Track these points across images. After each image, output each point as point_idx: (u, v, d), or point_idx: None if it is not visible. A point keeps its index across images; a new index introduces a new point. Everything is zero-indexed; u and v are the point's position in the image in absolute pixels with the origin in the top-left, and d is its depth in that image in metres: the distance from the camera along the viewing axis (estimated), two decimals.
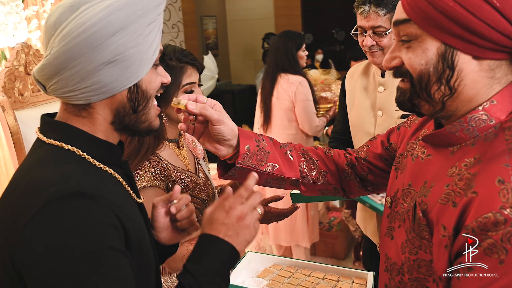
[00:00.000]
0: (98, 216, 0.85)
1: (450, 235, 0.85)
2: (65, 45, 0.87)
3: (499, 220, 0.77)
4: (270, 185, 1.29)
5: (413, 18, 0.91)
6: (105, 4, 0.88)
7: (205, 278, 0.96)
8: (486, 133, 0.90)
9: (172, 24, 4.59)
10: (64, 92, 0.92)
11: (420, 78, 0.93)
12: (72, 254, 0.81)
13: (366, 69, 2.11)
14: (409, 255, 0.97)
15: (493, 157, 0.84)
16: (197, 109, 1.13)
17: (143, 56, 0.93)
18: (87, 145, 0.95)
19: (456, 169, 0.90)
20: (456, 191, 0.87)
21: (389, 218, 1.11)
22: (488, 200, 0.79)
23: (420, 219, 0.93)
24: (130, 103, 0.96)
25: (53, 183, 0.84)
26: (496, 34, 0.84)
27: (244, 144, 1.19)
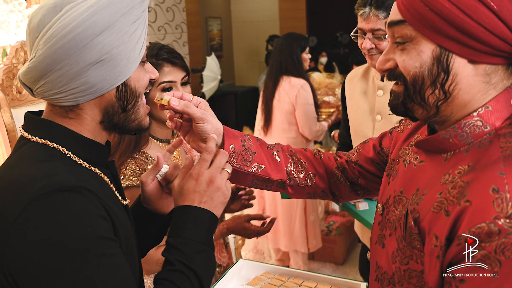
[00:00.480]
0: (87, 208, 0.84)
1: (442, 245, 0.82)
2: (50, 47, 0.85)
3: (493, 231, 0.74)
4: (256, 186, 1.27)
5: (408, 19, 0.88)
6: (89, 3, 0.87)
7: (191, 249, 0.96)
8: (480, 139, 0.87)
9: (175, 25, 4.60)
10: (51, 94, 0.90)
11: (414, 81, 0.90)
12: (66, 247, 0.80)
13: (366, 72, 2.11)
14: (400, 265, 0.95)
15: (488, 164, 0.82)
16: (179, 106, 1.10)
17: (130, 54, 0.92)
18: (73, 144, 0.94)
19: (450, 177, 0.88)
20: (449, 199, 0.84)
21: (380, 226, 1.09)
22: (482, 209, 0.76)
23: (412, 228, 0.90)
24: (119, 102, 0.95)
25: (39, 178, 0.83)
26: (493, 38, 0.82)
27: (229, 143, 1.17)
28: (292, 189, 1.29)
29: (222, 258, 1.77)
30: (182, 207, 1.01)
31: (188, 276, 0.95)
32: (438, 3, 0.83)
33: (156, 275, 0.96)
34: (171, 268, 0.95)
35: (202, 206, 1.01)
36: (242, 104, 7.29)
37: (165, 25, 4.45)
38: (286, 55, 3.39)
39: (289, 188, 1.28)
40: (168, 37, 4.43)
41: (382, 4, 1.76)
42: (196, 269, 0.96)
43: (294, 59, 3.38)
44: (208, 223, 1.01)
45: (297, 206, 3.50)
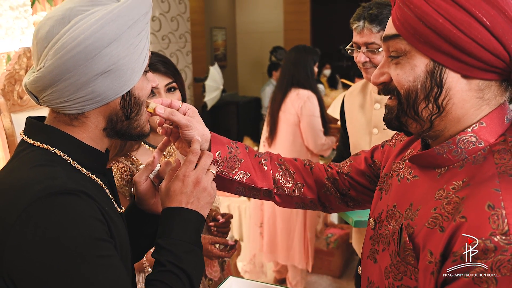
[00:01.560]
0: (85, 210, 0.86)
1: (437, 261, 0.81)
2: (59, 58, 0.88)
3: (489, 248, 0.73)
4: (243, 194, 1.27)
5: (403, 33, 0.89)
6: (97, 16, 0.89)
7: (181, 249, 0.99)
8: (475, 155, 0.87)
9: (179, 34, 4.64)
10: (58, 103, 0.93)
11: (408, 95, 0.90)
12: (64, 247, 0.82)
13: (364, 87, 2.12)
14: (393, 281, 0.93)
15: (483, 181, 0.81)
16: (165, 114, 1.11)
17: (134, 64, 0.95)
18: (73, 150, 0.96)
19: (444, 192, 0.87)
20: (444, 215, 0.83)
21: (372, 240, 1.08)
22: (477, 226, 0.76)
23: (406, 243, 0.89)
24: (123, 110, 0.98)
25: (39, 181, 0.85)
26: (486, 53, 0.82)
27: (216, 149, 1.17)
28: (279, 198, 1.29)
29: (213, 272, 1.77)
30: (170, 209, 1.04)
31: (179, 276, 0.96)
32: (432, 18, 0.83)
33: (148, 276, 0.97)
34: (162, 269, 0.97)
35: (189, 207, 1.03)
36: (244, 114, 7.31)
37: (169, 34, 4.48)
38: (300, 67, 3.38)
39: (276, 197, 1.28)
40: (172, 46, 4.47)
41: (376, 18, 1.78)
42: (186, 269, 0.97)
43: (307, 71, 3.37)
44: (196, 223, 1.03)
45: (296, 221, 3.47)
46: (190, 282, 0.98)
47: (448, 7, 0.82)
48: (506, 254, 0.72)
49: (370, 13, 1.79)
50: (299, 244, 3.51)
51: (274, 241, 3.58)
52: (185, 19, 4.69)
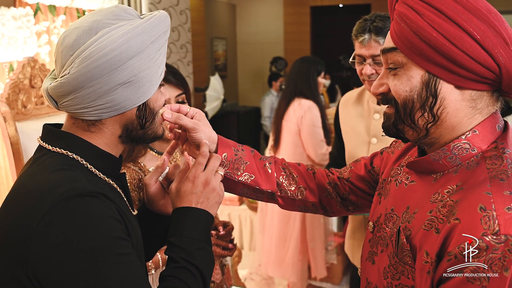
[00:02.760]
0: (104, 211, 0.92)
1: (432, 261, 0.86)
2: (85, 66, 0.93)
3: (481, 247, 0.78)
4: (247, 195, 1.30)
5: (400, 46, 0.94)
6: (124, 30, 0.96)
7: (192, 246, 1.04)
8: (468, 161, 0.92)
9: (180, 45, 4.67)
10: (77, 109, 0.98)
11: (405, 105, 0.96)
12: (85, 246, 0.87)
13: (360, 96, 2.12)
14: (392, 280, 0.98)
15: (475, 185, 0.87)
16: (172, 118, 1.15)
17: (152, 77, 1.01)
18: (90, 155, 1.02)
19: (439, 196, 0.92)
20: (439, 217, 0.88)
21: (371, 243, 1.12)
22: (470, 227, 0.81)
23: (404, 245, 0.94)
24: (138, 119, 1.04)
25: (61, 184, 0.91)
26: (477, 66, 0.87)
27: (222, 151, 1.22)
28: (282, 200, 1.32)
29: (215, 275, 1.80)
30: (181, 208, 1.09)
31: (192, 272, 1.02)
32: (426, 33, 0.88)
33: (162, 273, 1.02)
34: (176, 265, 1.02)
35: (199, 207, 1.09)
36: (244, 124, 7.34)
37: (170, 44, 4.51)
38: (303, 77, 3.42)
39: (279, 199, 1.32)
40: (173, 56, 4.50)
41: (381, 30, 1.79)
42: (198, 265, 1.03)
43: (310, 82, 3.42)
44: (206, 222, 1.08)
45: (292, 232, 3.46)
46: (202, 278, 1.03)
47: (442, 22, 0.87)
48: (497, 253, 0.77)
49: (375, 25, 1.80)
50: (293, 256, 3.50)
51: (269, 252, 3.59)
52: (186, 29, 4.73)
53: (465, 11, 0.87)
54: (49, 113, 2.00)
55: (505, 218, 0.79)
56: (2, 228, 0.93)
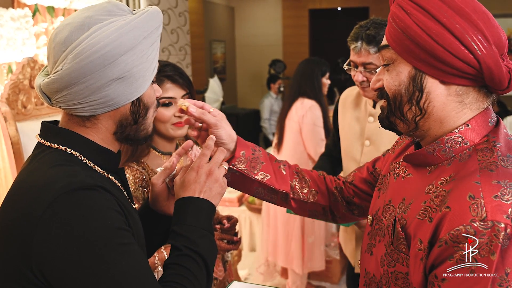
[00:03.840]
0: (104, 203, 0.94)
1: (425, 248, 0.90)
2: (78, 62, 0.93)
3: (469, 232, 0.83)
4: (261, 196, 1.33)
5: (391, 44, 1.00)
6: (116, 26, 0.96)
7: (195, 235, 1.06)
8: (461, 154, 0.97)
9: (179, 47, 4.68)
10: (71, 105, 0.98)
11: (394, 98, 1.02)
12: (88, 238, 0.89)
13: (359, 96, 2.15)
14: (387, 268, 1.03)
15: (466, 175, 0.91)
16: (196, 113, 1.20)
17: (145, 73, 1.02)
18: (88, 150, 1.02)
19: (433, 187, 0.96)
20: (432, 207, 0.93)
21: (369, 236, 1.17)
22: (459, 214, 0.85)
23: (399, 233, 0.99)
24: (132, 115, 1.05)
25: (60, 179, 0.92)
26: (457, 61, 0.92)
27: (240, 149, 1.26)
28: (295, 203, 1.36)
29: (218, 271, 1.80)
30: (184, 198, 1.11)
31: (195, 259, 1.03)
32: (411, 30, 0.94)
33: (166, 261, 1.04)
34: (179, 253, 1.03)
35: (201, 196, 1.11)
36: (244, 126, 7.36)
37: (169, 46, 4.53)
38: (306, 78, 3.49)
39: (292, 201, 1.35)
40: (172, 59, 4.51)
41: (373, 39, 1.81)
42: (202, 253, 1.04)
43: (313, 82, 3.47)
44: (208, 211, 1.10)
45: (294, 225, 3.54)
46: (205, 265, 1.05)
47: (426, 20, 0.93)
48: (484, 238, 0.82)
49: (367, 33, 1.82)
50: (296, 248, 3.57)
51: (275, 243, 3.67)
52: (185, 31, 4.74)
53: (449, 9, 0.92)
54: (49, 114, 2.01)
55: (492, 205, 0.84)
56: (3, 224, 0.94)
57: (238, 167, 1.25)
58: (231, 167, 1.25)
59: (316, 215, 1.42)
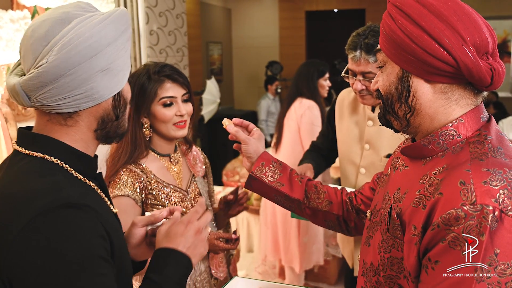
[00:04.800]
0: (89, 226, 0.92)
1: (419, 233, 0.97)
2: (66, 53, 0.93)
3: (460, 215, 0.90)
4: (280, 203, 1.52)
5: (382, 48, 1.10)
6: (98, 18, 0.98)
7: (168, 286, 1.04)
8: (454, 146, 1.04)
9: (177, 48, 4.69)
10: (54, 101, 0.96)
11: (387, 97, 1.11)
12: (65, 258, 0.87)
13: (356, 100, 2.14)
14: (384, 254, 1.09)
15: (458, 165, 0.98)
16: (232, 130, 1.47)
17: (124, 66, 1.04)
18: (68, 157, 1.01)
19: (427, 177, 1.03)
20: (426, 195, 0.99)
21: (368, 229, 1.25)
22: (451, 199, 0.92)
23: (395, 220, 1.06)
24: (114, 110, 1.05)
25: (45, 193, 0.90)
26: (436, 61, 0.99)
27: (261, 161, 1.48)
28: (310, 211, 1.52)
29: (219, 272, 1.81)
30: (167, 248, 1.09)
31: None
32: (396, 35, 1.03)
33: None
34: None
35: (185, 252, 1.09)
36: None
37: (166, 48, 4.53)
38: (303, 78, 3.58)
39: (307, 209, 1.51)
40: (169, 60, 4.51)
41: (372, 48, 1.80)
42: None
43: (309, 83, 3.56)
44: (187, 269, 1.09)
45: (291, 224, 3.57)
46: None
47: (408, 24, 1.02)
48: (474, 220, 0.89)
49: (366, 42, 1.82)
50: (294, 247, 3.61)
51: (276, 241, 3.70)
52: (182, 33, 4.75)
53: (429, 14, 1.00)
54: None
55: (481, 190, 0.91)
56: None
57: (257, 175, 1.47)
58: (250, 173, 1.48)
59: (332, 226, 1.55)
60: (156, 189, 1.64)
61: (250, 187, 1.52)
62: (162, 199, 1.65)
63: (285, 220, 3.59)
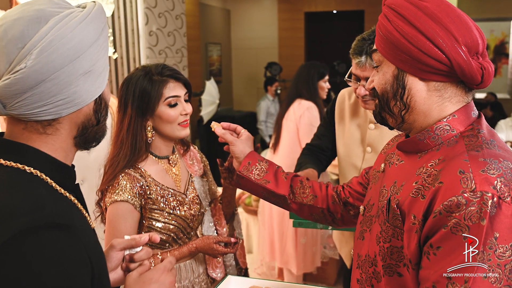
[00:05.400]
0: (73, 252, 0.84)
1: (419, 221, 1.01)
2: (47, 56, 0.86)
3: (461, 202, 0.94)
4: (268, 199, 1.59)
5: (378, 48, 1.15)
6: (78, 16, 0.91)
7: None
8: (448, 140, 1.09)
9: (176, 49, 4.70)
10: (33, 108, 0.88)
11: (382, 95, 1.16)
12: (42, 282, 0.80)
13: (357, 103, 2.12)
14: (383, 244, 1.13)
15: (455, 156, 1.03)
16: (220, 133, 1.57)
17: (104, 68, 0.97)
18: (48, 168, 0.93)
19: (424, 169, 1.08)
20: (425, 186, 1.04)
21: (361, 224, 1.30)
22: (452, 187, 0.97)
23: (394, 210, 1.10)
24: (96, 114, 0.99)
25: (26, 210, 0.82)
26: (431, 60, 1.05)
27: (247, 160, 1.56)
28: (295, 205, 1.58)
29: (214, 273, 1.81)
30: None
31: None
32: (392, 35, 1.08)
33: None
34: None
35: None
36: None
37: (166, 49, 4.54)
38: (302, 80, 3.60)
39: (293, 204, 1.57)
40: (168, 61, 4.52)
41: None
42: None
43: (309, 84, 3.57)
44: None
45: (288, 225, 3.57)
46: None
47: (403, 25, 1.07)
48: (474, 206, 0.93)
49: (372, 48, 1.78)
50: (291, 248, 3.61)
51: (273, 243, 3.70)
52: (181, 34, 4.76)
53: (424, 15, 1.05)
54: None
55: (480, 178, 0.95)
56: None
57: (244, 173, 1.55)
58: (238, 172, 1.56)
59: (318, 219, 1.60)
60: (154, 193, 1.63)
61: (239, 185, 1.60)
62: (161, 204, 1.64)
63: (282, 221, 3.59)
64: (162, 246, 1.67)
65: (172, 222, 1.65)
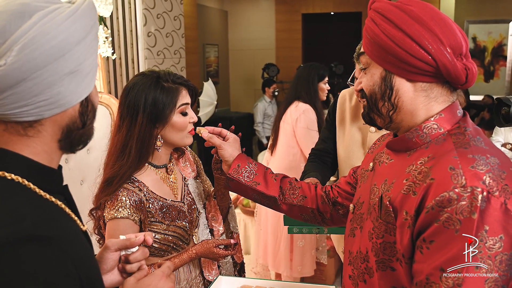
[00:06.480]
0: (56, 266, 0.79)
1: (412, 217, 1.04)
2: (29, 53, 0.80)
3: (452, 197, 0.97)
4: (258, 200, 1.60)
5: (365, 50, 1.18)
6: (66, 12, 0.85)
7: None
8: (437, 138, 1.12)
9: (174, 50, 4.70)
10: (13, 108, 0.83)
11: (371, 96, 1.19)
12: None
13: (358, 106, 2.13)
14: (376, 239, 1.15)
15: (445, 153, 1.06)
16: (207, 137, 1.58)
17: (93, 68, 0.91)
18: (31, 173, 0.87)
19: (413, 167, 1.10)
20: (416, 182, 1.06)
21: (351, 222, 1.32)
22: (443, 183, 1.00)
23: (387, 206, 1.12)
24: (81, 117, 0.92)
25: (4, 224, 0.77)
26: (417, 61, 1.08)
27: (237, 162, 1.58)
28: (285, 206, 1.60)
29: (211, 275, 1.81)
30: None
31: None
32: (379, 38, 1.12)
33: None
34: None
35: None
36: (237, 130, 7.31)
37: (164, 50, 4.54)
38: (302, 82, 3.55)
39: (283, 205, 1.60)
40: (166, 62, 4.52)
41: None
42: None
43: (309, 86, 3.52)
44: None
45: (284, 227, 3.53)
46: None
47: (391, 29, 1.10)
48: (465, 201, 0.96)
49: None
50: (284, 251, 3.59)
51: (265, 246, 3.70)
52: (179, 35, 4.76)
53: (409, 19, 1.09)
54: None
55: (470, 174, 0.98)
56: None
57: (234, 176, 1.57)
58: (228, 175, 1.58)
59: (308, 219, 1.62)
60: (153, 206, 1.61)
61: (229, 188, 1.62)
62: (160, 216, 1.62)
63: (277, 224, 3.58)
64: (163, 254, 1.66)
65: (171, 233, 1.64)
